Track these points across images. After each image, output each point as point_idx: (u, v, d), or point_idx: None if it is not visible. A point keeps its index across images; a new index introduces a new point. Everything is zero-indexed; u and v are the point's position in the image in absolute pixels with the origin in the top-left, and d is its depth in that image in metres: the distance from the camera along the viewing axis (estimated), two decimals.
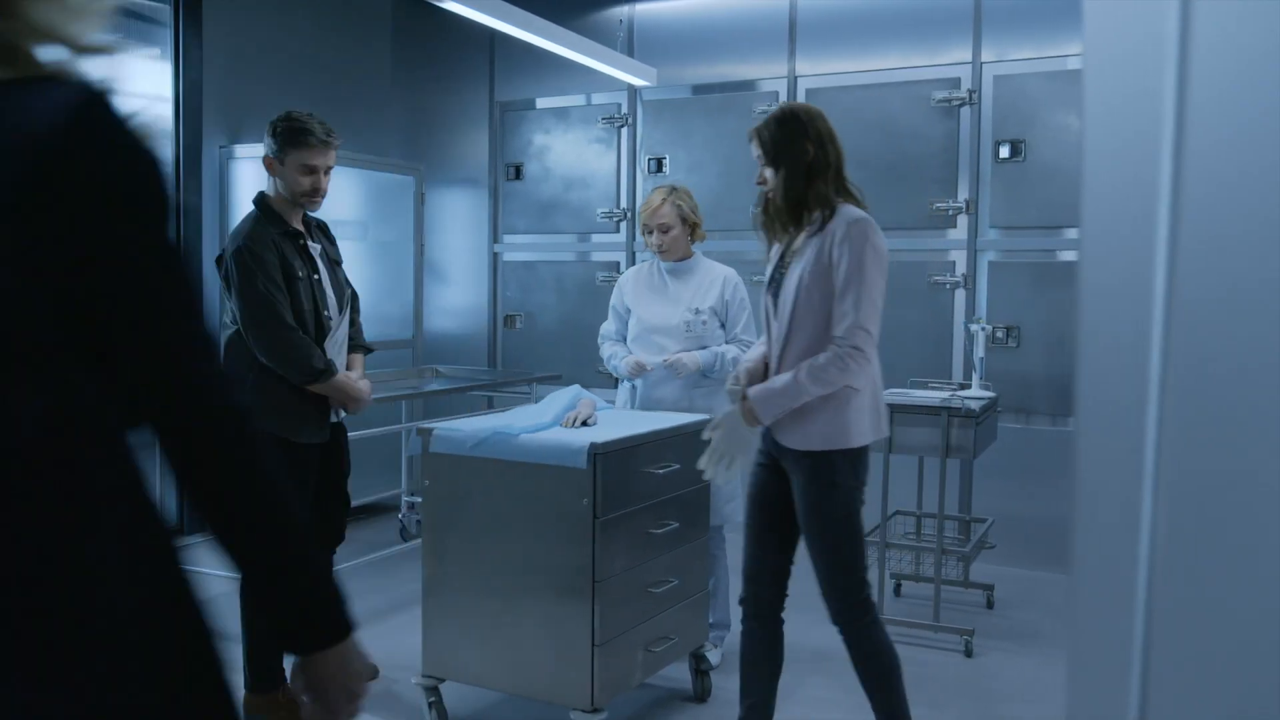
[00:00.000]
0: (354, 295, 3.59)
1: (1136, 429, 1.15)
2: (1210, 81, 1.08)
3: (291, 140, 3.28)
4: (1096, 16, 1.13)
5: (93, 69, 1.12)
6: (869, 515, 4.64)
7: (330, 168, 3.37)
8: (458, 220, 6.73)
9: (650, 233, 3.82)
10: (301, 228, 3.39)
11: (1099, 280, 1.17)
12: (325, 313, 3.37)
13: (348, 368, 3.48)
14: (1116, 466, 1.16)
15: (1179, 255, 1.11)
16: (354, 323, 3.59)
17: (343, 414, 3.45)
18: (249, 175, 5.85)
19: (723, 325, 3.85)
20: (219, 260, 3.31)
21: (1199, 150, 1.09)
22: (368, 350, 3.65)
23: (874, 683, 2.88)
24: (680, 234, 3.80)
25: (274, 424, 3.18)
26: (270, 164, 3.33)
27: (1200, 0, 1.07)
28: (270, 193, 3.36)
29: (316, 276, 3.37)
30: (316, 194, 3.34)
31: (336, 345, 3.42)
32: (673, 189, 3.81)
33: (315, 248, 3.42)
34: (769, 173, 2.84)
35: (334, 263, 3.51)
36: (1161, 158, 1.10)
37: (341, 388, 3.33)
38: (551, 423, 3.33)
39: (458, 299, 6.68)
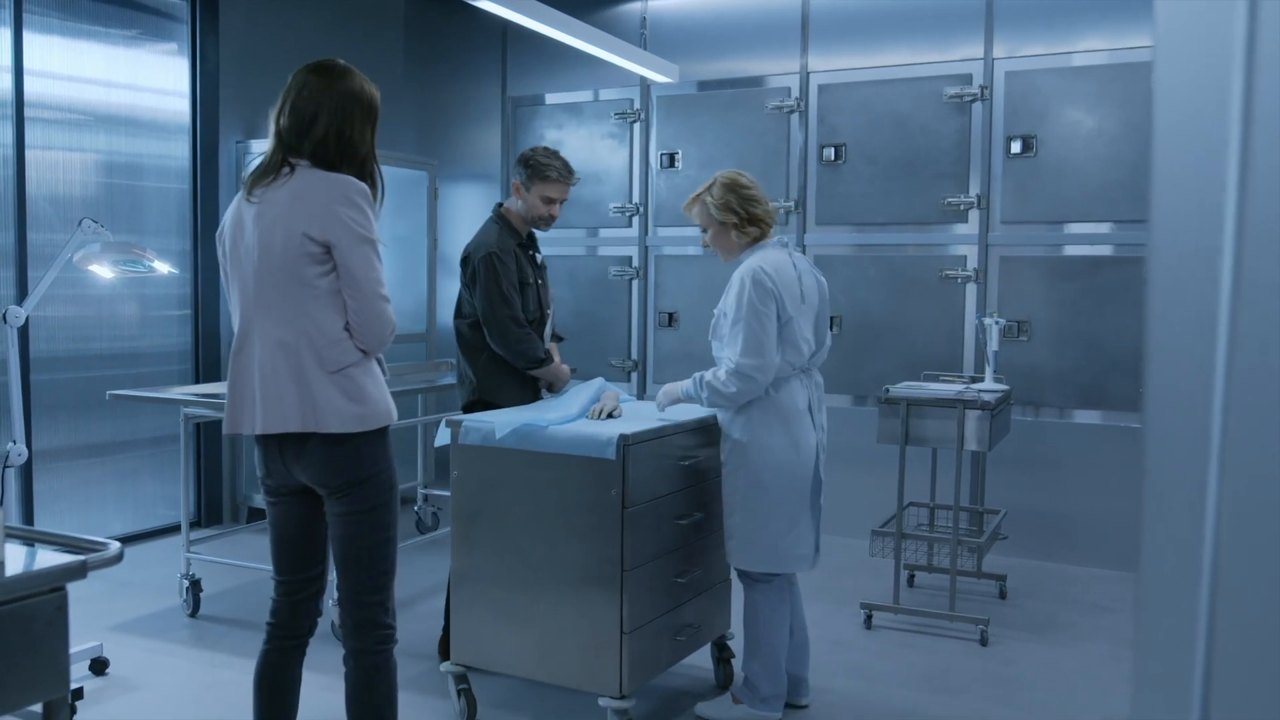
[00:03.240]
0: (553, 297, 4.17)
1: (1203, 418, 1.18)
2: (1278, 74, 1.10)
3: (538, 174, 3.88)
4: (1167, 12, 1.16)
5: None
6: (884, 508, 4.70)
7: (565, 200, 3.98)
8: (471, 215, 6.75)
9: None
10: (528, 240, 4.01)
11: (1167, 271, 1.19)
12: (547, 312, 4.00)
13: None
14: (1184, 456, 1.19)
15: (1245, 246, 1.13)
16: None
17: (545, 392, 3.97)
18: None
19: None
20: (464, 260, 3.84)
21: (1266, 142, 1.12)
22: (561, 339, 4.20)
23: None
24: (719, 233, 3.37)
25: (498, 397, 3.81)
26: (517, 188, 3.93)
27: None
28: (510, 208, 3.96)
29: (541, 283, 3.99)
30: (550, 219, 3.95)
31: (548, 337, 4.04)
32: (711, 184, 3.39)
33: (539, 258, 4.05)
34: None
35: (543, 269, 4.11)
36: (1229, 149, 1.13)
37: (554, 371, 3.93)
38: (578, 415, 3.36)
39: None
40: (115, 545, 1.73)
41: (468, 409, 3.85)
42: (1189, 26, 1.13)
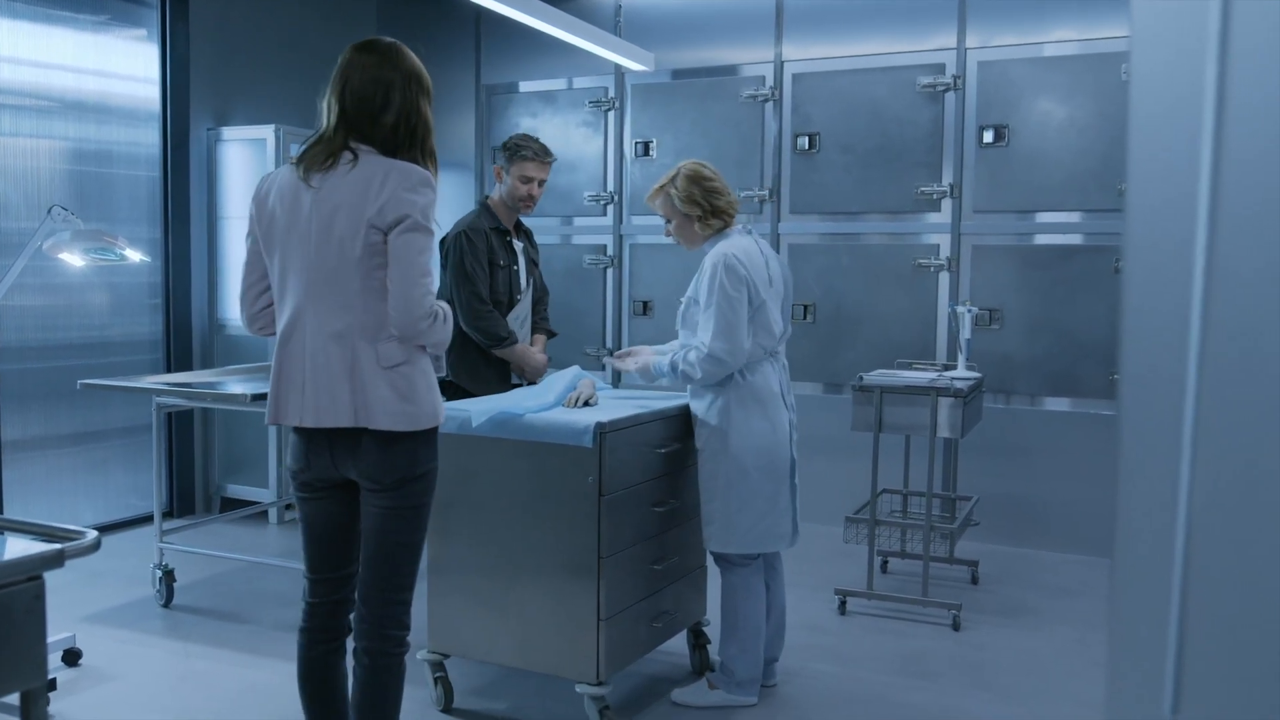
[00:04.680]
0: (546, 291, 4.40)
1: (1176, 405, 1.19)
2: (1250, 68, 1.12)
3: (515, 154, 4.08)
4: (1143, 5, 1.17)
5: None
6: (858, 494, 4.73)
7: (543, 181, 4.14)
8: (445, 203, 6.67)
9: None
10: (508, 226, 4.17)
11: (1142, 261, 1.21)
12: (517, 297, 4.16)
13: (531, 343, 4.24)
14: (1157, 443, 1.20)
15: (1219, 236, 1.15)
16: (543, 314, 4.33)
17: (516, 379, 4.14)
18: (237, 157, 5.82)
19: None
20: (441, 243, 4.05)
21: (1239, 133, 1.13)
22: (550, 334, 4.37)
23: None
24: (682, 224, 3.38)
25: (465, 380, 4.04)
26: (499, 173, 4.14)
27: None
28: (494, 196, 4.17)
29: (516, 268, 4.16)
30: (530, 199, 4.12)
31: (518, 323, 4.16)
32: (674, 175, 3.39)
33: (519, 245, 4.20)
34: None
35: (531, 262, 4.27)
36: (1203, 141, 1.14)
37: (520, 355, 4.12)
38: (554, 403, 3.36)
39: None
40: (92, 534, 1.73)
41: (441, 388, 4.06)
42: (1164, 19, 1.15)
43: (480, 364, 4.10)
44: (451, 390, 4.14)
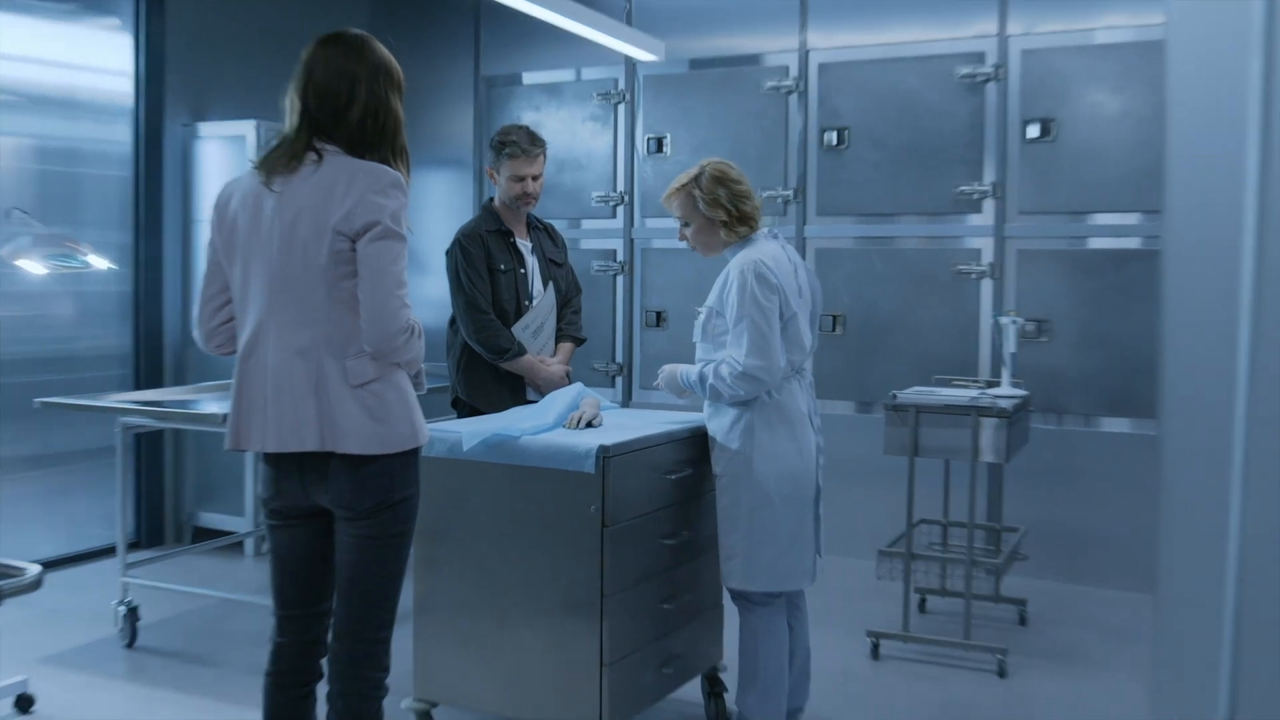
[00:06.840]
0: (578, 290, 4.39)
1: (1224, 427, 1.17)
2: None
3: (501, 154, 4.08)
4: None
5: None
6: (892, 525, 4.71)
7: (537, 175, 4.11)
8: (441, 204, 6.75)
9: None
10: (514, 226, 4.16)
11: (1184, 271, 1.19)
12: (526, 302, 4.13)
13: (554, 354, 4.20)
14: (1204, 468, 1.19)
15: (1269, 241, 1.13)
16: (567, 319, 4.28)
17: (533, 395, 4.07)
18: (213, 154, 5.86)
19: None
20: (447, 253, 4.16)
21: None
22: (578, 341, 4.32)
23: None
24: (703, 228, 3.33)
25: (477, 398, 4.06)
26: (491, 174, 4.18)
27: None
28: (496, 196, 4.19)
29: (523, 271, 4.14)
30: (527, 197, 4.12)
31: (531, 331, 4.12)
32: (698, 174, 3.33)
33: (526, 245, 4.19)
34: None
35: (551, 261, 4.25)
36: (1248, 139, 1.13)
37: (529, 367, 4.07)
38: (554, 424, 3.36)
39: (442, 290, 6.68)
40: (34, 569, 1.72)
41: (453, 406, 4.24)
42: (1203, 6, 1.13)
43: (490, 380, 4.10)
44: (463, 409, 4.14)
